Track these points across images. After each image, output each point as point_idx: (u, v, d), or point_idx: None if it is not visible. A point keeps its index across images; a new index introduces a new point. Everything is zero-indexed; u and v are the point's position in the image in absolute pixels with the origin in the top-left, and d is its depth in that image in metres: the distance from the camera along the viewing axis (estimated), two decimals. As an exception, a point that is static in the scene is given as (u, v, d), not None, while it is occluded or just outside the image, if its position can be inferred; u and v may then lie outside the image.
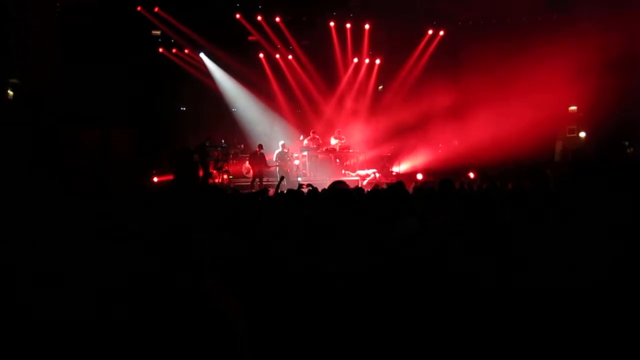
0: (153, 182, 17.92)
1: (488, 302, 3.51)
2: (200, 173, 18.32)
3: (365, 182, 18.68)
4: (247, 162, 19.87)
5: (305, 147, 20.22)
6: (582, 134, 20.28)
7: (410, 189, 10.38)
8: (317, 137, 20.70)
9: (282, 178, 13.24)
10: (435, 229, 4.91)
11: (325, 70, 22.91)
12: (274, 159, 19.61)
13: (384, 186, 14.17)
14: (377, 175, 19.84)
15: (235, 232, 4.71)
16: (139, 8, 19.34)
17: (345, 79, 23.46)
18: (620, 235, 4.18)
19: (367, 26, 21.82)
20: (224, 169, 19.41)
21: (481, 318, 3.41)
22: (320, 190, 8.75)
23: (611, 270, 3.60)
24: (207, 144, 18.92)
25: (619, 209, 5.04)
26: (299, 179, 19.02)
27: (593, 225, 4.56)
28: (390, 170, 20.77)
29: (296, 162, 20.52)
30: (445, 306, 3.48)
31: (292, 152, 20.51)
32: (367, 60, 23.44)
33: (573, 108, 20.43)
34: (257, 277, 3.59)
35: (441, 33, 22.20)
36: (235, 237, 4.49)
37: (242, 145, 22.03)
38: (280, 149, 19.59)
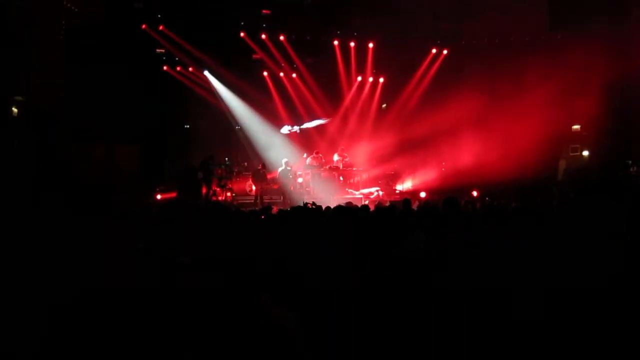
0: (156, 199, 17.93)
1: (491, 319, 3.50)
2: (204, 191, 18.35)
3: (367, 201, 18.66)
4: (250, 180, 19.88)
5: (309, 165, 20.23)
6: (586, 153, 20.28)
7: (414, 207, 10.40)
8: (321, 155, 20.72)
9: None
10: (440, 247, 4.91)
11: (329, 88, 22.96)
12: (277, 177, 19.63)
13: (387, 204, 14.17)
14: (381, 193, 19.83)
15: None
16: (144, 26, 19.45)
17: (349, 97, 23.51)
18: (618, 247, 4.18)
19: (370, 45, 21.90)
20: (227, 187, 19.42)
21: (487, 336, 3.40)
22: (324, 208, 8.78)
23: (611, 284, 3.60)
24: (211, 162, 18.94)
25: (616, 223, 5.05)
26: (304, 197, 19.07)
27: (593, 240, 4.57)
28: (393, 188, 20.77)
29: (300, 180, 20.52)
30: (450, 320, 3.47)
31: (296, 170, 20.53)
32: (370, 79, 23.50)
33: (576, 127, 20.44)
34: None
35: (445, 52, 22.27)
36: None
37: (246, 163, 22.09)
38: (283, 167, 19.62)
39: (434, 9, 19.87)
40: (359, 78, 23.30)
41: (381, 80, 23.48)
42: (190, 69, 21.59)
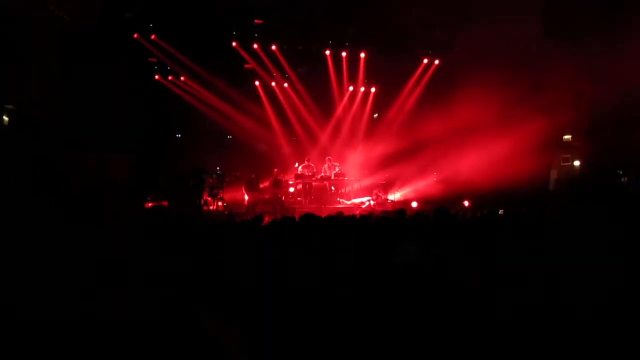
0: (147, 208, 17.86)
1: (484, 330, 3.49)
2: (195, 200, 18.29)
3: (359, 211, 18.65)
4: (244, 190, 19.82)
5: (300, 175, 20.23)
6: (577, 163, 20.35)
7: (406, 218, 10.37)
8: (312, 165, 20.70)
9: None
10: (433, 258, 4.90)
11: (321, 98, 22.99)
12: (269, 187, 19.60)
13: (380, 214, 14.17)
14: (373, 203, 19.84)
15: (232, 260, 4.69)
16: (136, 36, 19.45)
17: (341, 107, 23.52)
18: (617, 260, 4.19)
19: (362, 55, 21.95)
20: (219, 196, 19.39)
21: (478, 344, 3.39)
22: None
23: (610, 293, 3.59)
24: (202, 171, 18.90)
25: (614, 238, 5.05)
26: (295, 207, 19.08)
27: (590, 251, 4.56)
28: (385, 198, 20.76)
29: (291, 189, 20.52)
30: (443, 331, 3.45)
31: (288, 180, 20.55)
32: (362, 89, 23.54)
33: (568, 137, 20.52)
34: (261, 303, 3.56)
35: (437, 62, 22.32)
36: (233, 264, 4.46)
37: (239, 173, 22.05)
38: (274, 177, 19.59)
39: (426, 19, 19.90)
40: (351, 88, 23.34)
41: (373, 90, 23.53)
42: (182, 78, 21.57)
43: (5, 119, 15.03)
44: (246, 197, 19.40)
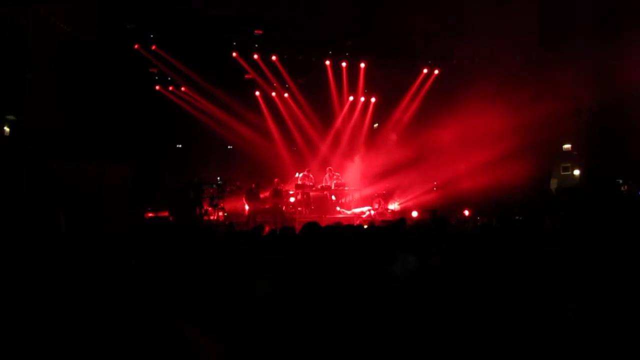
0: (147, 218, 17.87)
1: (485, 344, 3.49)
2: (196, 210, 18.30)
3: (358, 221, 18.66)
4: (244, 199, 19.82)
5: (301, 185, 20.23)
6: (577, 172, 20.36)
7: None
8: (311, 175, 20.66)
9: None
10: (432, 269, 4.90)
11: (321, 108, 22.98)
12: (269, 196, 19.61)
13: (380, 224, 14.16)
14: (373, 212, 19.83)
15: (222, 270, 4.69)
16: (136, 46, 19.48)
17: (340, 117, 23.52)
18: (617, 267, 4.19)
19: (362, 65, 21.96)
20: (219, 206, 19.39)
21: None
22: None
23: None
24: (202, 182, 18.92)
25: (614, 246, 5.05)
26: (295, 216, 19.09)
27: (590, 258, 4.57)
28: (385, 207, 20.76)
29: (292, 199, 20.51)
30: (442, 346, 3.45)
31: (288, 189, 20.54)
32: (362, 99, 23.54)
33: (567, 146, 20.53)
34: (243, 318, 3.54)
35: (436, 72, 22.33)
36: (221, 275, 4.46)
37: (239, 182, 22.04)
38: (274, 186, 19.60)
39: (425, 29, 19.96)
40: (351, 98, 23.34)
41: (373, 100, 23.53)
42: (183, 88, 21.59)
43: (6, 129, 15.06)
44: (246, 207, 19.40)
